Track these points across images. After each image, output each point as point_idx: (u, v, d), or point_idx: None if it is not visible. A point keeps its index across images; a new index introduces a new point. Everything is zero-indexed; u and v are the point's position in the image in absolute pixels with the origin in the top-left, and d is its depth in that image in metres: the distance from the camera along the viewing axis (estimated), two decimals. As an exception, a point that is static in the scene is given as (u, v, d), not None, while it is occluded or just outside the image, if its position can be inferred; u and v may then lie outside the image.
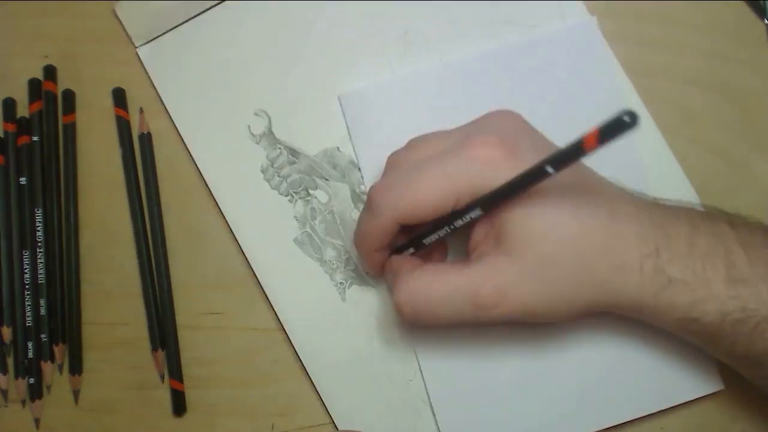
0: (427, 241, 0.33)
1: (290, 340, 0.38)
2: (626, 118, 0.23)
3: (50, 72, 0.41)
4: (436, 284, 0.31)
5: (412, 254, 0.35)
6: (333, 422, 0.37)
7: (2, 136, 0.41)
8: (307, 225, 0.39)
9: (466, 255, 0.33)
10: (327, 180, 0.39)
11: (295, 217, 0.39)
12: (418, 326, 0.37)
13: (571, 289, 0.30)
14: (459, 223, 0.31)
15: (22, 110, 0.41)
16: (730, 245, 0.30)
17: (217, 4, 0.41)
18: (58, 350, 0.39)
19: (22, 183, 0.40)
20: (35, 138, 0.40)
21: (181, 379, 0.38)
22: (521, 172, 0.28)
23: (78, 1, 0.42)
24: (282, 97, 0.40)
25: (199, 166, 0.40)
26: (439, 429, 0.36)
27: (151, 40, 0.41)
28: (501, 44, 0.40)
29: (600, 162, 0.30)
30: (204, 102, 0.40)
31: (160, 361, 0.38)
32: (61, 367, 0.39)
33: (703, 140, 0.39)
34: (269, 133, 0.40)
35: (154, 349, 0.38)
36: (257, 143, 0.40)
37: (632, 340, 0.36)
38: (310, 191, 0.39)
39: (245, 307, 0.39)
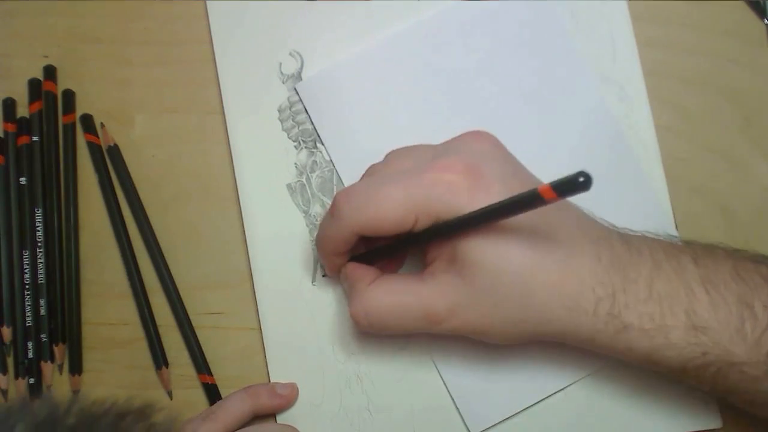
0: (384, 258, 0.34)
1: (252, 276, 0.38)
2: (581, 179, 0.24)
3: (50, 72, 0.41)
4: (390, 299, 0.32)
5: (369, 263, 0.35)
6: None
7: (2, 136, 0.41)
8: (304, 175, 0.39)
9: (421, 266, 0.34)
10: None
11: (295, 164, 0.39)
12: (372, 334, 0.37)
13: (519, 320, 0.31)
14: (414, 242, 0.32)
15: (22, 110, 0.41)
16: (692, 286, 0.29)
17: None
18: (58, 350, 0.39)
19: (22, 183, 0.40)
20: (35, 138, 0.40)
21: (210, 373, 0.38)
22: (475, 210, 0.28)
23: (78, 1, 0.42)
24: (320, 45, 0.40)
25: (221, 83, 0.40)
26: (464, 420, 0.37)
27: None
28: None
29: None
30: (245, 37, 0.40)
31: (165, 379, 0.38)
32: (61, 367, 0.39)
33: (703, 140, 0.39)
34: (298, 76, 0.40)
35: (158, 368, 0.38)
36: (283, 83, 0.40)
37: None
38: (318, 144, 0.39)
39: (245, 307, 0.39)
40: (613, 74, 0.39)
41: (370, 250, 0.35)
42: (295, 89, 0.40)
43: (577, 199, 0.27)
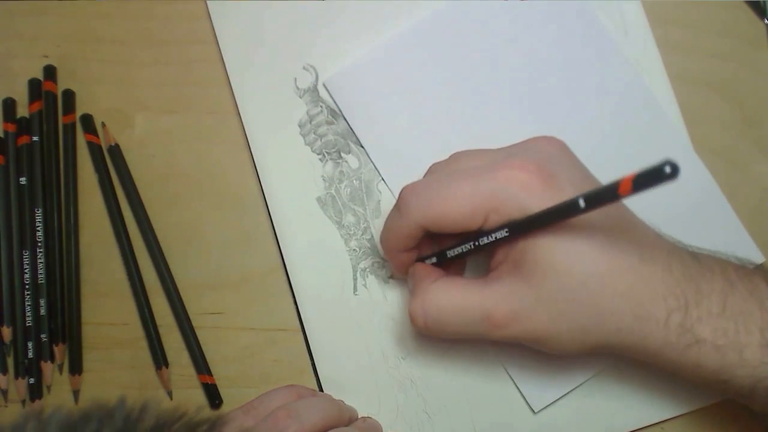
0: (450, 254, 0.33)
1: (292, 290, 0.38)
2: (666, 169, 0.23)
3: (50, 72, 0.41)
4: (450, 298, 0.31)
5: (433, 264, 0.34)
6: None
7: (2, 136, 0.41)
8: (333, 187, 0.39)
9: (485, 272, 0.33)
10: (361, 147, 0.39)
11: (322, 176, 0.39)
12: (429, 336, 0.36)
13: (585, 328, 0.29)
14: (484, 241, 0.31)
15: (22, 110, 0.41)
16: (766, 304, 0.29)
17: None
18: (58, 350, 0.39)
19: (22, 183, 0.40)
20: (35, 138, 0.40)
21: (210, 373, 0.38)
22: (554, 205, 0.28)
23: (78, 1, 0.42)
24: (334, 57, 0.40)
25: (238, 104, 0.40)
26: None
27: None
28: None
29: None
30: (255, 48, 0.40)
31: (165, 379, 0.38)
32: (61, 367, 0.39)
33: (703, 140, 0.39)
34: (314, 89, 0.40)
35: (158, 368, 0.38)
36: (300, 97, 0.40)
37: None
38: (342, 154, 0.40)
39: (245, 307, 0.39)
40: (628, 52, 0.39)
41: (436, 252, 0.34)
42: (324, 85, 0.40)
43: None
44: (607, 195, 0.26)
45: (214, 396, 0.38)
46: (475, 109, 0.39)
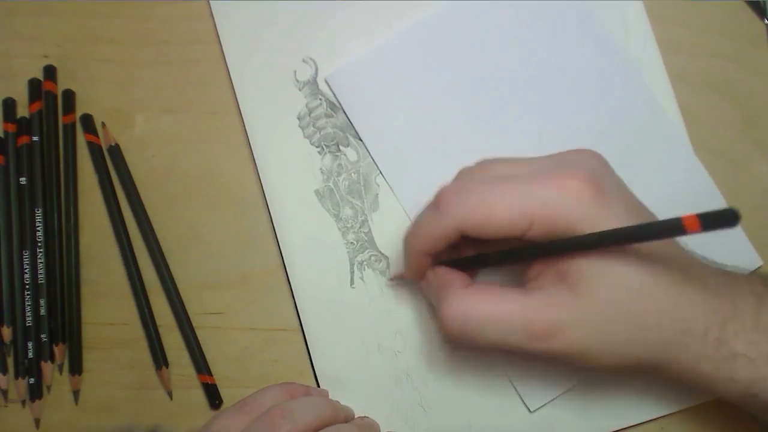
0: (488, 259, 0.32)
1: (290, 283, 0.39)
2: (730, 215, 0.23)
3: (50, 72, 0.41)
4: (490, 305, 0.30)
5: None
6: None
7: (2, 136, 0.41)
8: (331, 180, 0.39)
9: (518, 282, 0.32)
10: (360, 140, 0.40)
11: (321, 169, 0.39)
12: (460, 345, 0.36)
13: (628, 342, 0.29)
14: (525, 260, 0.31)
15: (22, 110, 0.41)
16: None
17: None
18: (58, 350, 0.39)
19: (22, 183, 0.39)
20: (35, 138, 0.40)
21: (210, 373, 0.38)
22: (612, 229, 0.27)
23: (78, 1, 0.42)
24: (333, 49, 0.40)
25: (238, 98, 0.40)
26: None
27: None
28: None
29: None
30: (256, 43, 0.41)
31: (165, 379, 0.38)
32: (61, 367, 0.39)
33: (703, 140, 0.39)
34: (313, 82, 0.40)
35: (158, 368, 0.38)
36: (300, 90, 0.40)
37: None
38: (341, 147, 0.40)
39: (245, 307, 0.39)
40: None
41: (461, 258, 0.33)
42: (325, 80, 0.40)
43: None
44: (667, 229, 0.26)
45: (214, 396, 0.38)
46: (474, 108, 0.39)
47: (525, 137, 0.39)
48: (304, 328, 0.38)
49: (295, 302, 0.38)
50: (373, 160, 0.39)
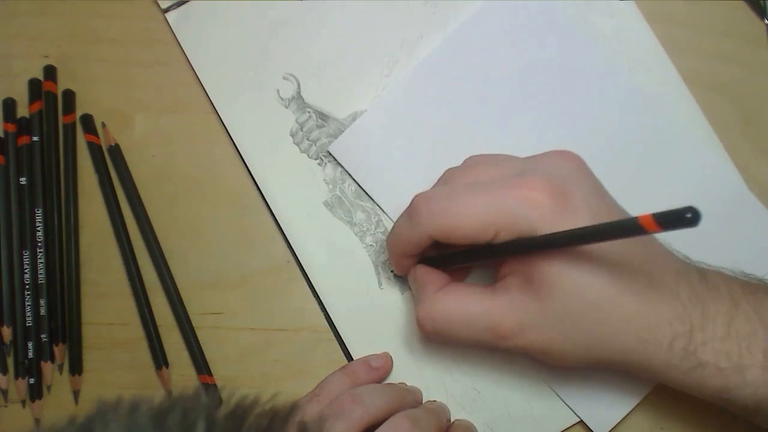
0: (455, 265, 0.34)
1: (318, 297, 0.39)
2: (688, 215, 0.23)
3: (50, 72, 0.41)
4: (458, 307, 0.32)
5: (438, 267, 0.35)
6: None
7: (2, 136, 0.41)
8: (337, 188, 0.39)
9: (489, 279, 0.33)
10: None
11: (324, 180, 0.39)
12: (435, 341, 0.37)
13: (589, 347, 0.30)
14: (492, 257, 0.31)
15: (22, 110, 0.41)
16: None
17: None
18: (58, 350, 0.39)
19: (22, 183, 0.40)
20: (35, 138, 0.40)
21: (210, 373, 0.38)
22: (569, 230, 0.28)
23: (78, 1, 0.42)
24: (310, 61, 0.40)
25: (229, 131, 0.40)
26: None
27: (180, 5, 0.41)
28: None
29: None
30: (232, 67, 0.40)
31: (165, 379, 0.38)
32: (61, 367, 0.39)
33: (703, 140, 0.39)
34: (298, 97, 0.40)
35: (158, 368, 0.38)
36: (286, 107, 0.40)
37: None
38: None
39: (245, 307, 0.39)
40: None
41: (442, 254, 0.35)
42: (329, 152, 0.39)
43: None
44: (623, 229, 0.26)
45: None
46: (478, 144, 0.38)
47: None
48: (343, 340, 0.38)
49: (323, 308, 0.39)
50: (390, 218, 0.39)
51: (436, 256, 0.35)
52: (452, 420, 0.37)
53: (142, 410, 0.20)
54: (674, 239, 0.31)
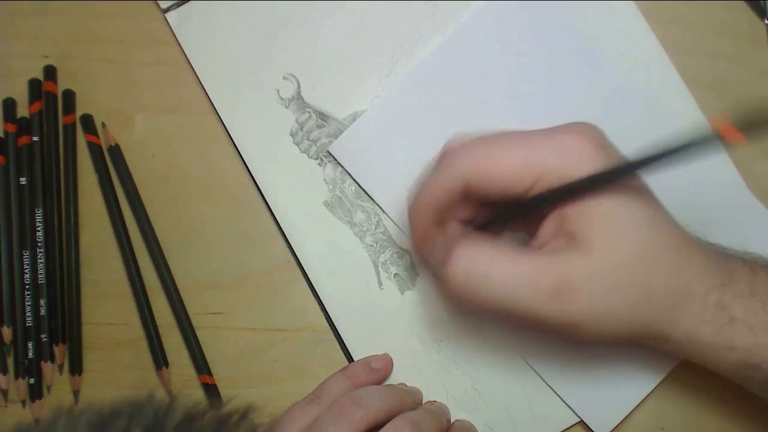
0: (486, 228, 0.32)
1: (318, 296, 0.39)
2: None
3: (50, 72, 0.41)
4: (497, 258, 0.29)
5: None
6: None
7: (2, 136, 0.41)
8: (337, 188, 0.39)
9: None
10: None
11: (324, 180, 0.39)
12: (457, 305, 0.37)
13: (636, 303, 0.29)
14: (531, 210, 0.30)
15: (22, 110, 0.41)
16: None
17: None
18: (58, 350, 0.39)
19: (22, 183, 0.40)
20: (35, 138, 0.40)
21: (210, 373, 0.38)
22: (614, 165, 0.27)
23: (78, 1, 0.42)
24: (310, 61, 0.40)
25: (229, 131, 0.40)
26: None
27: (180, 5, 0.41)
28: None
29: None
30: (233, 67, 0.40)
31: (165, 379, 0.38)
32: (61, 367, 0.39)
33: (703, 140, 0.39)
34: (298, 97, 0.40)
35: (158, 368, 0.38)
36: (286, 107, 0.40)
37: None
38: None
39: (245, 307, 0.39)
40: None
41: (472, 220, 0.33)
42: (329, 152, 0.39)
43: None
44: (698, 145, 0.25)
45: (214, 396, 0.38)
46: None
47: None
48: (343, 339, 0.38)
49: (323, 308, 0.39)
50: (393, 221, 0.39)
51: (466, 221, 0.33)
52: (452, 420, 0.37)
53: (83, 420, 0.20)
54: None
